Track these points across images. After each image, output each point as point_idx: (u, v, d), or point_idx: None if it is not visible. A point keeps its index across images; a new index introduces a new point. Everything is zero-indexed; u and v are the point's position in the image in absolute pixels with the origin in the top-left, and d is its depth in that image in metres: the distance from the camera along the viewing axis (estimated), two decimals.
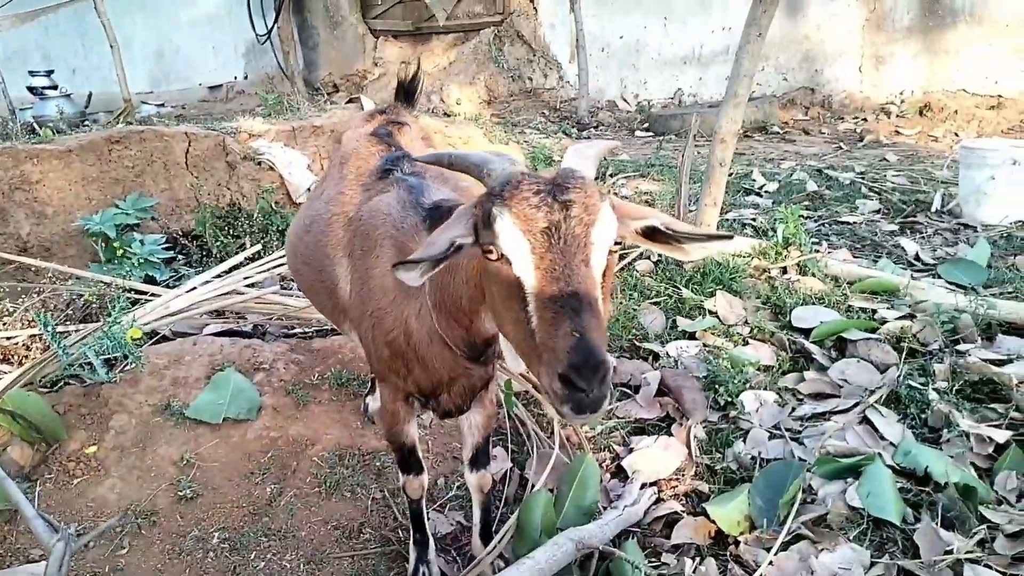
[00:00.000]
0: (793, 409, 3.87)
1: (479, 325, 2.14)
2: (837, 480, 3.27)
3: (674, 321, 4.64)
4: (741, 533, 3.09)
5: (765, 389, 3.97)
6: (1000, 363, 3.87)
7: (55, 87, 13.72)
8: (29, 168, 5.19)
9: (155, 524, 3.04)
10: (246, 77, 15.77)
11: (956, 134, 9.64)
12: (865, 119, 10.60)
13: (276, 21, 14.58)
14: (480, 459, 2.84)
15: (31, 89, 13.39)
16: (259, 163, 6.14)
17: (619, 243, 1.80)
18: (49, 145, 5.35)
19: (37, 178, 5.21)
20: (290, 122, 6.74)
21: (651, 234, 1.90)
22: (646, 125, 11.23)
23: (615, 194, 6.64)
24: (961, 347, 4.10)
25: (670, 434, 3.69)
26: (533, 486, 3.25)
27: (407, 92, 3.32)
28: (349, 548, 3.01)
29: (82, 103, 12.54)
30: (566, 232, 1.66)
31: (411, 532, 2.87)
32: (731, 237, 1.96)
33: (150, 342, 4.15)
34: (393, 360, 2.42)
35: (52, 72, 14.26)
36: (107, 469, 3.26)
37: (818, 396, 3.97)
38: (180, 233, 5.72)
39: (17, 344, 4.02)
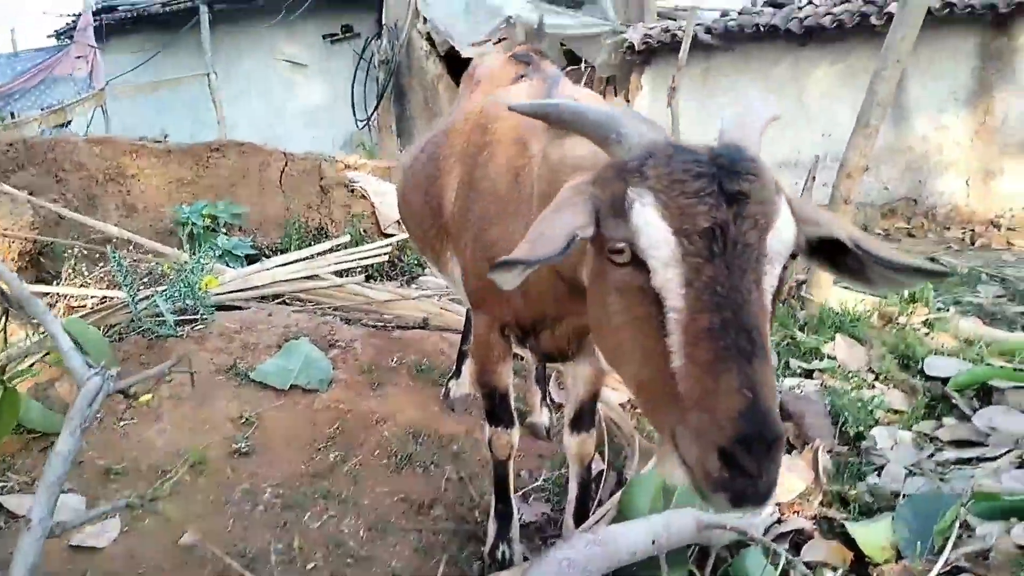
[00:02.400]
0: (932, 454, 3.35)
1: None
2: (998, 520, 2.74)
3: (787, 362, 4.18)
4: (886, 561, 2.58)
5: (900, 429, 3.48)
6: None
7: None
8: (127, 161, 5.15)
9: (202, 474, 2.68)
10: None
11: None
12: (973, 230, 10.08)
13: (376, 108, 15.05)
14: (584, 420, 2.39)
15: None
16: (352, 190, 6.03)
17: (796, 256, 1.32)
18: (151, 144, 5.33)
19: (133, 172, 5.17)
20: (387, 161, 6.68)
21: (826, 249, 1.37)
22: None
23: None
24: None
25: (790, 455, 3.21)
26: None
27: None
28: (417, 522, 2.58)
29: None
30: (736, 238, 1.20)
31: (493, 503, 2.44)
32: (947, 273, 1.40)
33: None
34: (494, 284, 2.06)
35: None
36: (159, 417, 2.93)
37: (960, 444, 3.45)
38: (265, 246, 5.56)
39: (86, 307, 3.81)
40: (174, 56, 16.52)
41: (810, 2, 12.54)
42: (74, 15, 18.14)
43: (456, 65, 14.35)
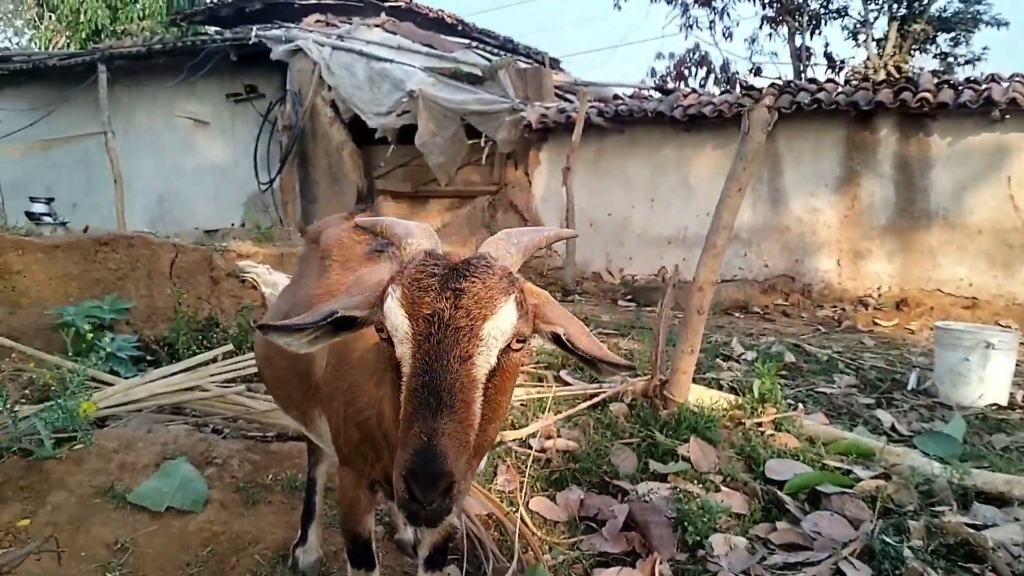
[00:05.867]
0: (764, 558, 3.71)
1: None
2: None
3: (646, 464, 4.53)
4: None
5: (736, 535, 3.83)
6: (976, 528, 3.77)
7: (52, 215, 14.01)
8: (13, 258, 5.20)
9: None
10: (243, 224, 16.12)
11: (932, 328, 9.82)
12: (843, 308, 10.81)
13: (280, 172, 15.14)
14: (437, 559, 2.64)
15: (29, 215, 13.67)
16: (243, 281, 6.18)
17: (522, 341, 1.71)
18: (37, 239, 5.39)
19: (19, 268, 5.22)
20: (280, 248, 6.85)
21: (560, 342, 1.81)
22: (629, 296, 11.44)
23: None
24: (936, 509, 4.00)
25: (634, 568, 3.51)
26: None
27: (368, 196, 3.33)
28: None
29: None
30: (448, 323, 1.58)
31: None
32: (631, 367, 1.94)
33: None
34: (362, 443, 2.28)
35: (52, 200, 14.63)
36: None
37: (790, 547, 3.82)
38: (152, 339, 5.65)
39: None
40: (68, 111, 16.28)
41: (694, 91, 13.38)
42: None
43: (360, 132, 14.65)
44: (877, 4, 20.77)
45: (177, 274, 6.00)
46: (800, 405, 5.66)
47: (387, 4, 17.69)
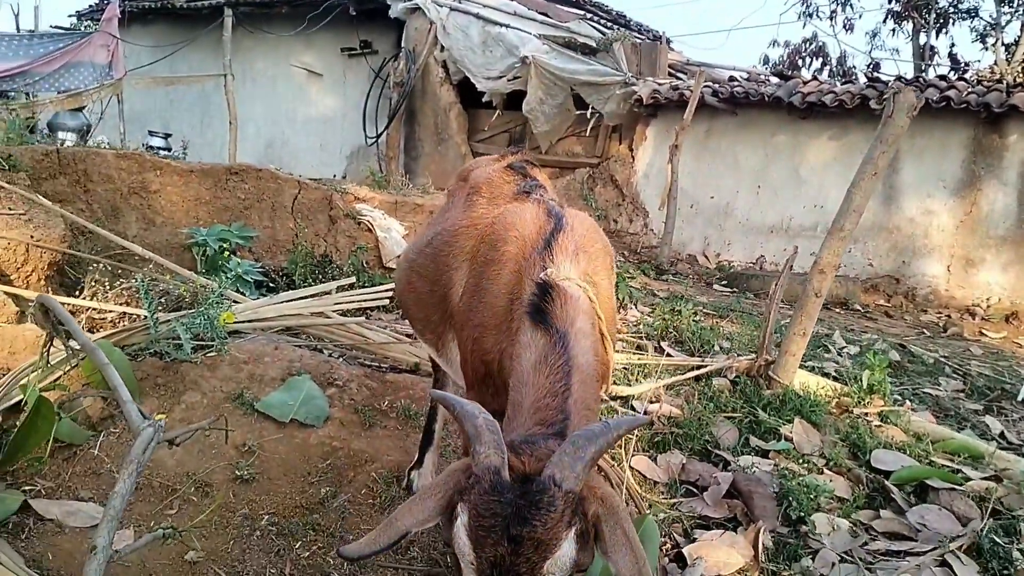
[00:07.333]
0: (866, 542, 3.67)
1: None
2: None
3: (747, 439, 4.51)
4: None
5: (838, 517, 3.79)
6: None
7: (169, 149, 14.61)
8: (151, 177, 5.46)
9: (207, 495, 2.98)
10: (344, 176, 16.45)
11: None
12: (949, 316, 10.45)
13: (388, 127, 15.38)
14: None
15: (147, 147, 14.27)
16: (359, 223, 6.35)
17: (583, 570, 1.71)
18: (174, 162, 5.64)
19: (156, 188, 5.48)
20: (394, 196, 7.00)
21: None
22: (724, 281, 11.29)
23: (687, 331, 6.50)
24: None
25: (736, 534, 3.52)
26: None
27: (519, 141, 3.36)
28: (395, 560, 2.89)
29: None
30: (510, 568, 1.61)
31: None
32: None
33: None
34: (486, 379, 2.37)
35: (169, 136, 15.22)
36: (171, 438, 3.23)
37: (893, 536, 3.77)
38: (272, 268, 5.87)
39: (106, 320, 4.10)
40: (191, 52, 16.85)
41: (815, 78, 13.02)
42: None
43: (466, 94, 14.75)
44: (1012, 7, 19.78)
45: (299, 210, 6.21)
46: (907, 402, 5.54)
47: None
